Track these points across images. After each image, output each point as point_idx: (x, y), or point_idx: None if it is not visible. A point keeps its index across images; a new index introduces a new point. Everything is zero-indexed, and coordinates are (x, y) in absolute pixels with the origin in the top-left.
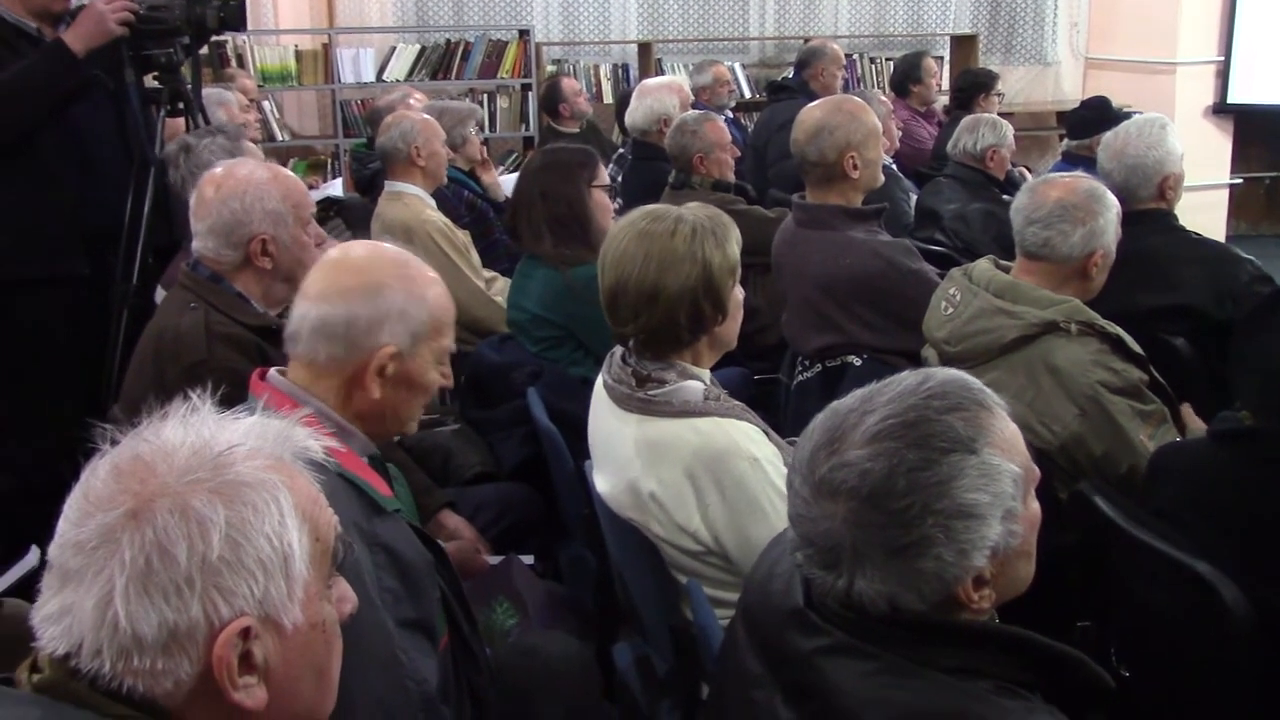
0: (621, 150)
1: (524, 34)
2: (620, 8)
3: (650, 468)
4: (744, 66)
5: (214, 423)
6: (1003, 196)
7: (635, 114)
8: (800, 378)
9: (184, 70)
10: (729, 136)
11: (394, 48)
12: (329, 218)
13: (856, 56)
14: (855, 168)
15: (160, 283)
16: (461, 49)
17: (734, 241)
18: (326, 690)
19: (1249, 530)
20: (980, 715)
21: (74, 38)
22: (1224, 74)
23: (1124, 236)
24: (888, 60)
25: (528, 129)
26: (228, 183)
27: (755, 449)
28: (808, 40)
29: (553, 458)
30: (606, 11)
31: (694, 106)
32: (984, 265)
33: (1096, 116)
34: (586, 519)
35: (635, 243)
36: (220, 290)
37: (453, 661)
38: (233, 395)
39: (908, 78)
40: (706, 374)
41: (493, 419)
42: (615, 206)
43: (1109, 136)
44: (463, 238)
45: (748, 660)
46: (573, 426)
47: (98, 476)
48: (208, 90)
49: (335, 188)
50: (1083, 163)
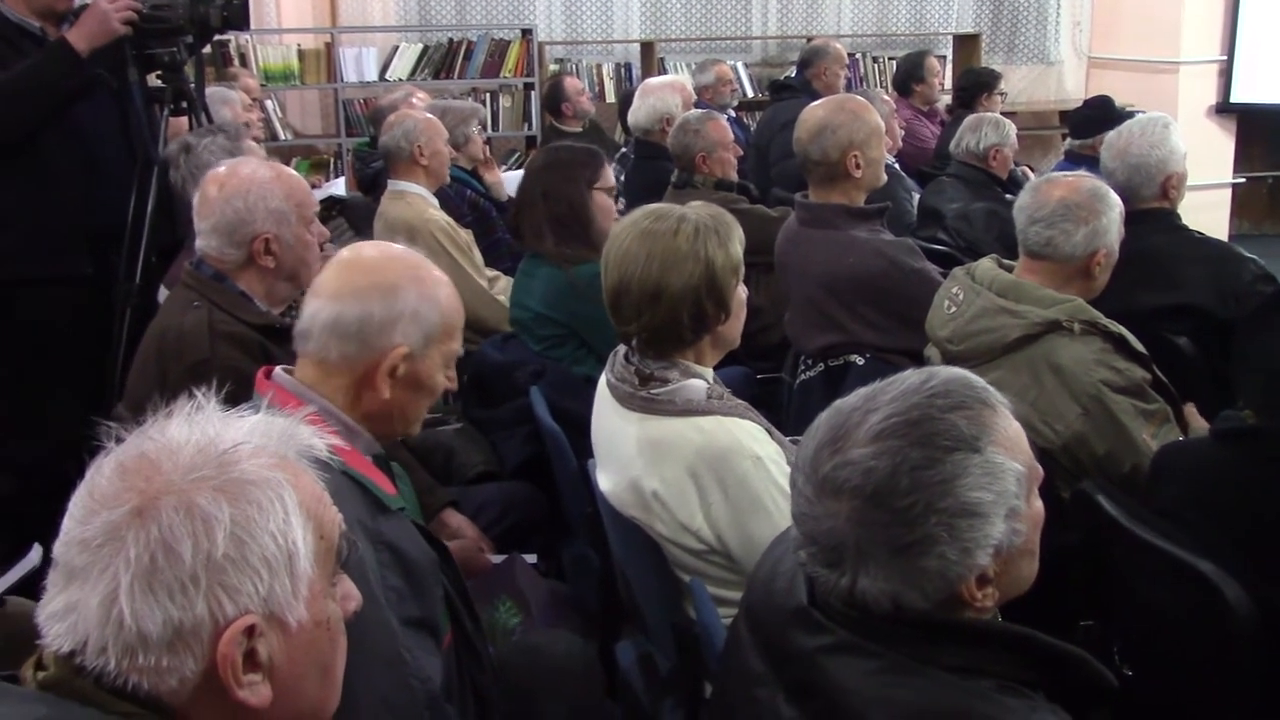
0: (624, 149)
1: (526, 33)
2: (623, 7)
3: (653, 466)
4: (746, 66)
5: (219, 421)
6: (1005, 196)
7: (638, 113)
8: (803, 377)
9: (187, 69)
10: (731, 136)
11: (397, 47)
12: (332, 217)
13: (859, 56)
14: (858, 167)
15: (163, 282)
16: (464, 48)
17: (737, 241)
18: (331, 688)
19: (1252, 529)
20: (983, 714)
21: (77, 37)
22: (1227, 73)
23: (1127, 236)
24: (890, 59)
25: (530, 128)
26: (231, 182)
27: (758, 447)
28: (810, 39)
29: (555, 457)
30: (609, 11)
31: (696, 106)
32: (987, 264)
33: (1099, 116)
34: (589, 518)
35: (638, 242)
36: (223, 289)
37: (456, 660)
38: (236, 394)
39: (910, 77)
40: (709, 373)
41: (495, 418)
42: (619, 207)
43: (1112, 136)
44: (465, 237)
45: (751, 659)
46: (575, 425)
47: (103, 474)
48: (212, 89)
49: (338, 187)
50: (1085, 162)
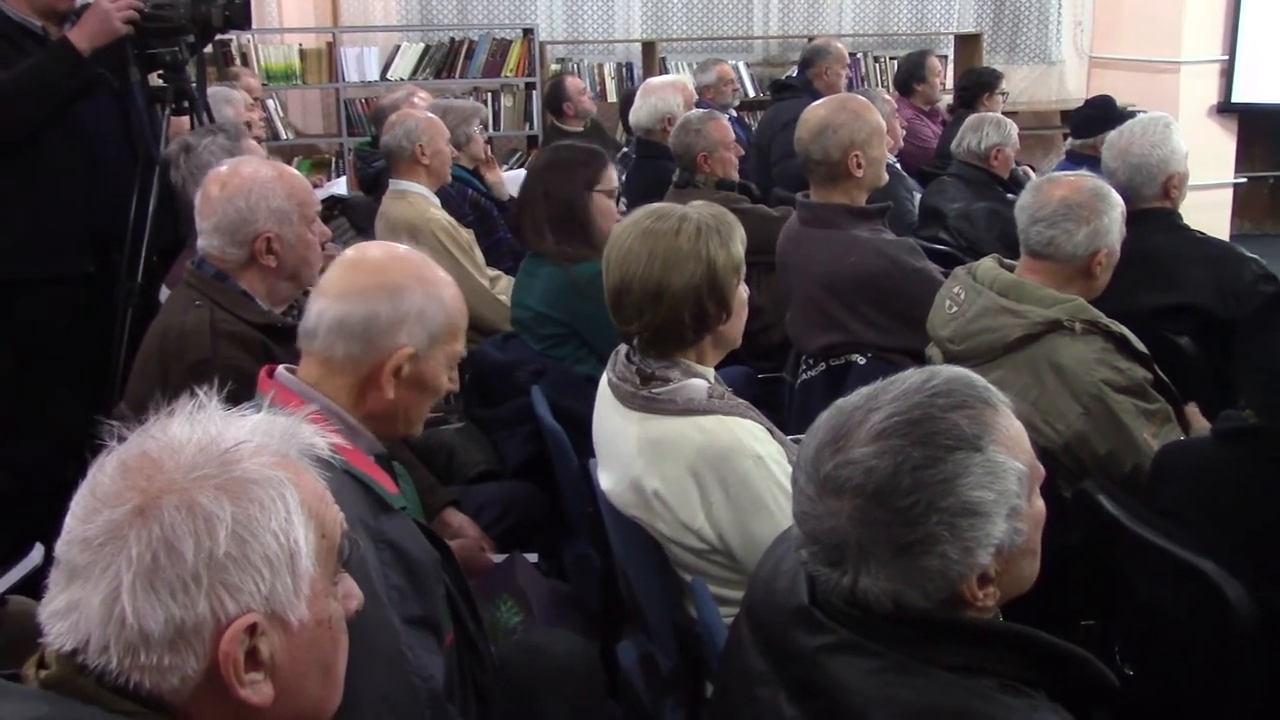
0: (625, 149)
1: (528, 33)
2: (624, 7)
3: (654, 466)
4: (748, 65)
5: (221, 420)
6: (1007, 195)
7: (639, 113)
8: (804, 376)
9: (189, 69)
10: (733, 135)
11: (398, 46)
12: (333, 216)
13: (860, 55)
14: (859, 166)
15: (165, 282)
16: (465, 48)
17: (738, 240)
18: (332, 687)
19: (1253, 529)
20: (984, 713)
21: (79, 36)
22: (1228, 73)
23: (1128, 235)
24: (892, 59)
25: (531, 128)
26: (233, 181)
27: (759, 447)
28: (812, 39)
29: (557, 456)
30: (610, 10)
31: (698, 105)
32: (988, 264)
33: (1101, 115)
34: (591, 517)
35: (640, 241)
36: (225, 288)
37: (458, 659)
38: (238, 393)
39: (912, 76)
40: (711, 372)
41: (497, 417)
42: (620, 209)
43: (1113, 135)
44: (467, 236)
45: (752, 658)
46: (577, 425)
47: (105, 473)
48: (215, 89)
49: (339, 186)
50: (1087, 162)
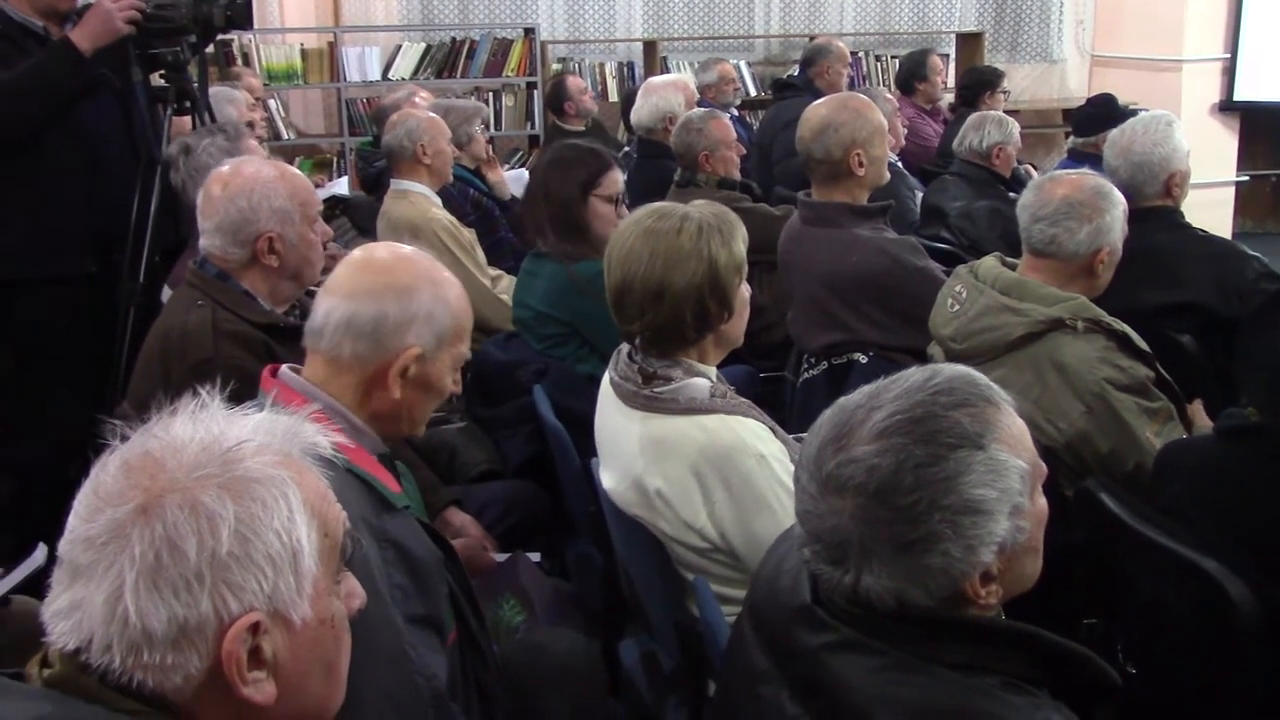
0: (627, 148)
1: (529, 32)
2: (625, 6)
3: (656, 465)
4: (749, 64)
5: (223, 419)
6: (1008, 194)
7: (640, 112)
8: (806, 375)
9: (191, 69)
10: (734, 134)
11: (399, 46)
12: (335, 216)
13: (862, 54)
14: (861, 165)
15: (167, 282)
16: (467, 47)
17: (740, 239)
18: (335, 685)
19: (1255, 526)
20: (987, 711)
21: (81, 36)
22: (1230, 71)
23: (1130, 234)
24: (893, 58)
25: (533, 127)
26: (235, 181)
27: (762, 446)
28: (813, 38)
29: (559, 455)
30: (611, 10)
31: (699, 104)
32: (990, 262)
33: (1102, 114)
34: (593, 516)
35: (641, 240)
36: (227, 288)
37: (460, 658)
38: (240, 392)
39: (913, 75)
40: (713, 371)
41: (498, 416)
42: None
43: (1115, 134)
44: (468, 236)
45: (754, 656)
46: (579, 424)
47: (108, 472)
48: (218, 89)
49: (341, 186)
50: (1089, 160)
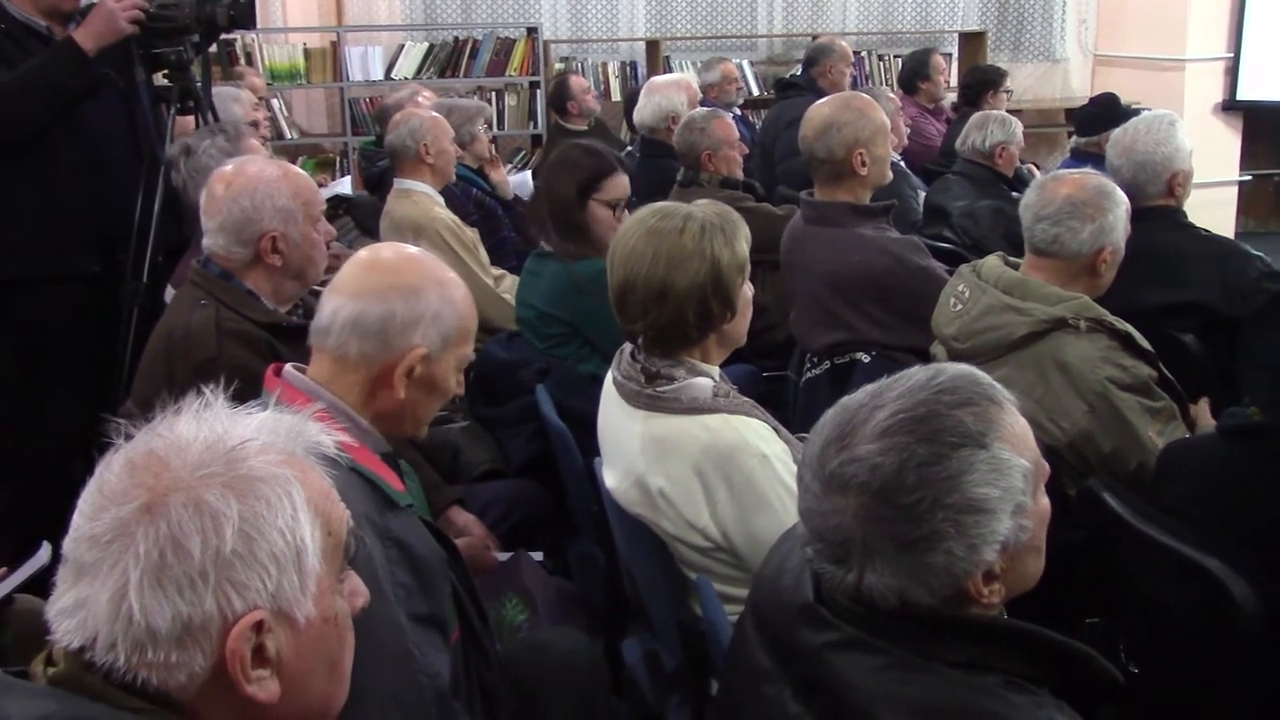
0: (630, 148)
1: (532, 31)
2: (628, 5)
3: (659, 464)
4: (752, 64)
5: (227, 418)
6: (1011, 193)
7: (643, 111)
8: (809, 375)
9: (194, 68)
10: (737, 134)
11: (402, 45)
12: (338, 215)
13: (865, 53)
14: (863, 165)
15: (170, 282)
16: (469, 46)
17: (742, 239)
18: (339, 684)
19: (1258, 526)
20: (989, 710)
21: (84, 36)
22: (1233, 71)
23: (1133, 233)
24: (896, 57)
25: (536, 126)
26: (238, 180)
27: (764, 446)
28: (816, 37)
29: (561, 454)
30: (614, 9)
31: (702, 104)
32: (993, 262)
33: (1105, 113)
34: (595, 515)
35: (644, 240)
36: (230, 287)
37: (463, 656)
38: (243, 392)
39: (916, 75)
40: (716, 371)
41: (501, 416)
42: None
43: (1118, 133)
44: (471, 235)
45: (757, 655)
46: (581, 423)
47: (112, 471)
48: (223, 88)
49: (344, 186)
50: (1091, 159)
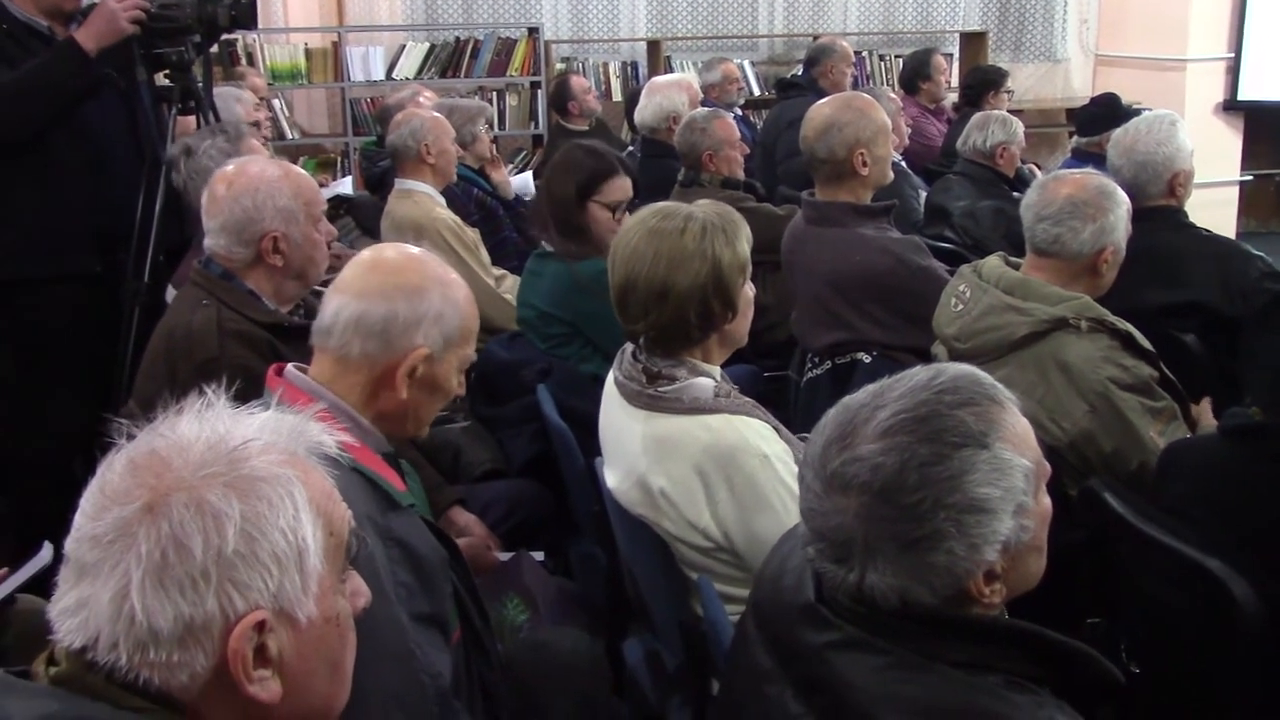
0: (631, 148)
1: (533, 32)
2: (629, 6)
3: (660, 464)
4: (753, 64)
5: (229, 418)
6: (1012, 193)
7: (644, 111)
8: (810, 375)
9: (195, 68)
10: (738, 134)
11: (403, 46)
12: (339, 216)
13: (866, 54)
14: (864, 165)
15: (171, 282)
16: (471, 47)
17: (744, 239)
18: (340, 683)
19: (1259, 526)
20: (990, 709)
21: (85, 36)
22: (1234, 71)
23: (1134, 233)
24: (897, 57)
25: (537, 127)
26: (239, 180)
27: (765, 446)
28: (817, 38)
29: (563, 454)
30: (615, 9)
31: (703, 104)
32: (994, 262)
33: (1106, 113)
34: (596, 515)
35: (645, 240)
36: (232, 287)
37: (465, 656)
38: (245, 392)
39: (917, 75)
40: (717, 371)
41: (502, 416)
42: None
43: (1119, 133)
44: (472, 235)
45: (758, 655)
46: (583, 423)
47: (114, 471)
48: (224, 88)
49: (345, 186)
50: (1092, 159)
